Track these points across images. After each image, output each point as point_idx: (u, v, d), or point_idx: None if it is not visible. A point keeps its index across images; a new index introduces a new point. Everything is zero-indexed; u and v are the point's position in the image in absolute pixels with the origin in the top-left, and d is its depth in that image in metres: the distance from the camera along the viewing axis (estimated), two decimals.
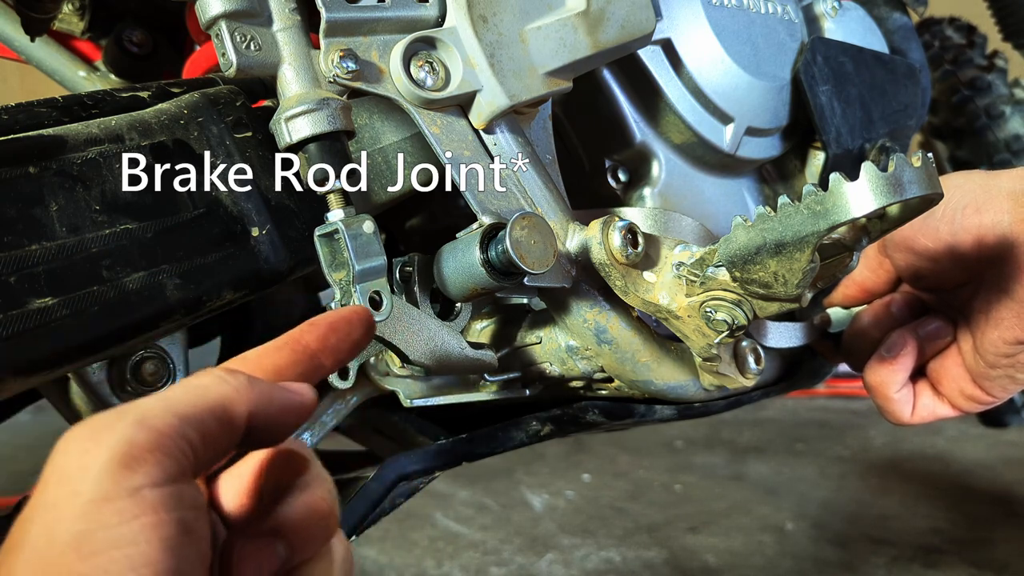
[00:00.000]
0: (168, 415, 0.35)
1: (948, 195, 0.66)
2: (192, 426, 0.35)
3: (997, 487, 2.03)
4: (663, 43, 0.76)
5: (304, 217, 0.62)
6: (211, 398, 0.37)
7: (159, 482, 0.33)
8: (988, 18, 1.40)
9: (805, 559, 1.71)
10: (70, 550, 0.32)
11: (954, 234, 0.65)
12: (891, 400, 0.71)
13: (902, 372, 0.70)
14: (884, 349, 0.71)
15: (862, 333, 0.74)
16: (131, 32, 0.91)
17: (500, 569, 1.73)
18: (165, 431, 0.34)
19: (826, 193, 0.51)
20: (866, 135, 0.88)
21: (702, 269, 0.58)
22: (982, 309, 0.66)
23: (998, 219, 0.63)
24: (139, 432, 0.34)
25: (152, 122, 0.60)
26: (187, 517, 0.34)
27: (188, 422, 0.35)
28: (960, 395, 0.71)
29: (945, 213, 0.66)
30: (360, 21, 0.57)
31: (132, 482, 0.33)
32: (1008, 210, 0.63)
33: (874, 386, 0.72)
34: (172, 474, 0.34)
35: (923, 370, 0.73)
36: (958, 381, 0.70)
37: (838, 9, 0.92)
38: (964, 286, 0.69)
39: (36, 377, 0.54)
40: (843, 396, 2.90)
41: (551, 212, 0.63)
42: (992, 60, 1.37)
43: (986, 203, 0.64)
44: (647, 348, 0.68)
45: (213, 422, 0.36)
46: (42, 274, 0.52)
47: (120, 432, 0.34)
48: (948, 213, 0.66)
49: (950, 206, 0.65)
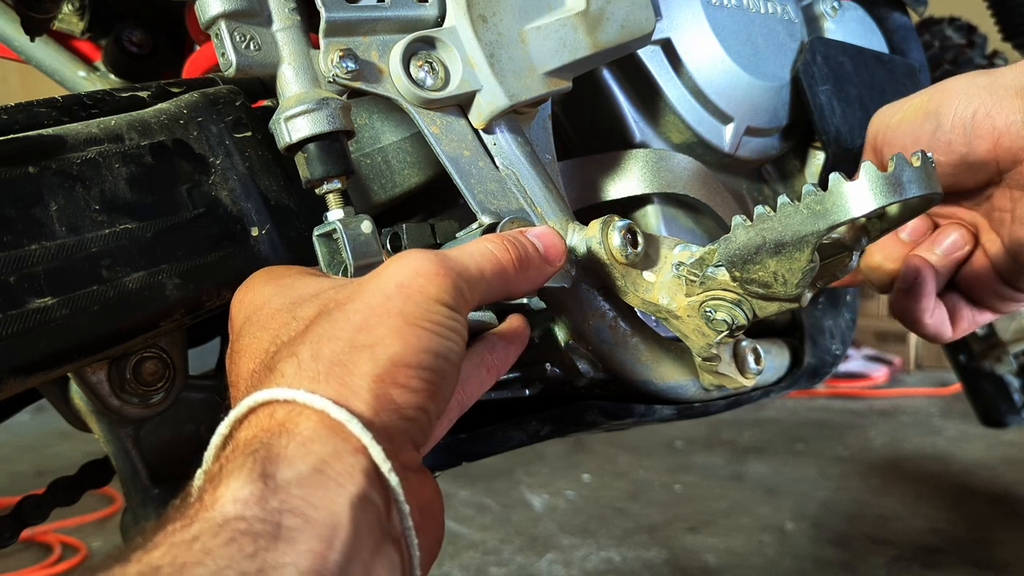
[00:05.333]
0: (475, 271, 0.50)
1: (953, 102, 0.65)
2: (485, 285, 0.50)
3: (997, 487, 2.03)
4: (663, 43, 0.76)
5: (304, 217, 0.62)
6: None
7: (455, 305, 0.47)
8: (988, 18, 1.40)
9: (805, 559, 1.71)
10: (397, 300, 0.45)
11: (968, 143, 0.64)
12: (926, 325, 0.70)
13: (927, 298, 0.69)
14: (901, 280, 0.70)
15: (877, 267, 0.73)
16: (131, 32, 0.91)
17: (500, 569, 1.73)
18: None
19: (826, 193, 0.51)
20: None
21: (702, 269, 0.58)
22: (1007, 208, 0.65)
23: (1011, 119, 0.62)
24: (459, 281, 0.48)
25: (152, 122, 0.60)
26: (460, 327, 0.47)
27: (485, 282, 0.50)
28: (996, 297, 0.70)
29: (954, 123, 0.64)
30: (360, 21, 0.57)
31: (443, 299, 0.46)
32: (1020, 108, 0.62)
33: (902, 316, 0.71)
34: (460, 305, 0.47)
35: (953, 284, 0.71)
36: (992, 284, 0.69)
37: (838, 9, 0.92)
38: (981, 191, 0.67)
39: (36, 377, 0.54)
40: (843, 396, 2.90)
41: (550, 212, 0.63)
42: (992, 60, 1.37)
43: (995, 106, 0.63)
44: (647, 348, 0.68)
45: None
46: (42, 274, 0.52)
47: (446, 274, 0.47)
48: (957, 122, 0.64)
49: (958, 115, 0.64)
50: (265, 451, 0.40)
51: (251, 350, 0.48)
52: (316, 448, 0.40)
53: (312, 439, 0.40)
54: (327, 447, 0.40)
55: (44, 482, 0.75)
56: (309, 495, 0.38)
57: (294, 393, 0.42)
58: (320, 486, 0.39)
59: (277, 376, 0.44)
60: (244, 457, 0.39)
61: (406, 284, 0.46)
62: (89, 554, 1.90)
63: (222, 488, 0.38)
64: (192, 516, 0.38)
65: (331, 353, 0.43)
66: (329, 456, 0.40)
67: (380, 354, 0.43)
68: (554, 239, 0.56)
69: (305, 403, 0.41)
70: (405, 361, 0.43)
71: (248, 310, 0.50)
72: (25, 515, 0.72)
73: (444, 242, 0.61)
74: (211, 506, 0.38)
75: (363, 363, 0.43)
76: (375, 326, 0.44)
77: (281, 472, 0.39)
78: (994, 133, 0.63)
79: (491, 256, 0.51)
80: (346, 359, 0.43)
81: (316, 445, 0.40)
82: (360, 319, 0.44)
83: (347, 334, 0.44)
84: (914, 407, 2.70)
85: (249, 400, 0.43)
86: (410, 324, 0.44)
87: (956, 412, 2.50)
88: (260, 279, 0.52)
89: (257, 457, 0.39)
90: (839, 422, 2.61)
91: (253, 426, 0.42)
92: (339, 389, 0.42)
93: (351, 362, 0.43)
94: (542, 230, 0.56)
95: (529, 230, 0.56)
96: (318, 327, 0.45)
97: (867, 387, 2.98)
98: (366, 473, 0.40)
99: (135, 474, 0.66)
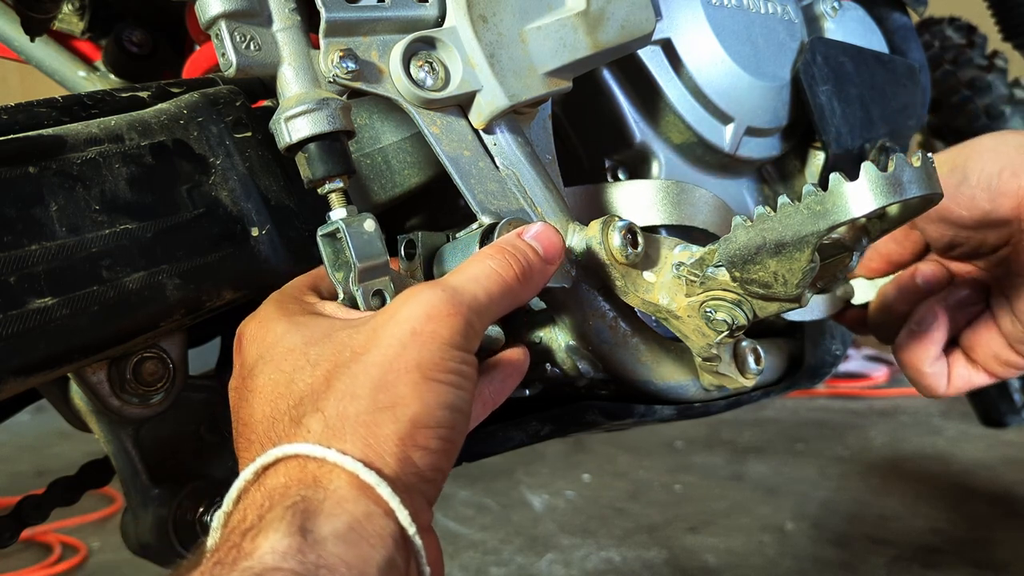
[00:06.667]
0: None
1: (982, 160, 0.65)
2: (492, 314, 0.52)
3: (997, 487, 2.02)
4: (663, 43, 0.75)
5: (303, 217, 0.62)
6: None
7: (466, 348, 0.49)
8: (988, 18, 1.40)
9: (805, 559, 1.71)
10: (411, 350, 0.47)
11: (992, 200, 0.64)
12: (925, 374, 0.70)
13: (934, 345, 0.69)
14: (914, 323, 0.70)
15: (889, 307, 0.73)
16: (131, 32, 0.91)
17: (500, 569, 1.73)
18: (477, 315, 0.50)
19: (826, 193, 0.51)
20: (866, 135, 0.88)
21: (702, 269, 0.58)
22: (1021, 272, 0.65)
23: None
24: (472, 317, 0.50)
25: (152, 122, 0.60)
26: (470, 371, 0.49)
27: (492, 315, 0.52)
28: (996, 361, 0.69)
29: (980, 180, 0.65)
30: (360, 21, 0.57)
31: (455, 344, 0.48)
32: None
33: (906, 361, 0.70)
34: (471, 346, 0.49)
35: (954, 339, 0.71)
36: (993, 347, 0.69)
37: (838, 9, 0.92)
38: (998, 250, 0.67)
39: (36, 377, 0.54)
40: (843, 396, 2.90)
41: (551, 212, 0.63)
42: (992, 60, 1.37)
43: (1023, 166, 0.64)
44: (647, 348, 0.68)
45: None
46: (42, 274, 0.52)
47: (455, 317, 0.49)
48: (983, 179, 0.65)
49: (985, 172, 0.64)
50: (303, 505, 0.42)
51: (266, 392, 0.49)
52: (349, 507, 0.42)
53: (346, 498, 0.43)
54: (360, 507, 0.43)
55: (44, 482, 0.75)
56: (343, 553, 0.40)
57: (325, 452, 0.44)
58: (354, 545, 0.41)
59: (303, 431, 0.46)
60: (283, 510, 0.42)
61: (419, 331, 0.47)
62: (89, 554, 1.90)
63: (261, 538, 0.40)
64: (230, 563, 0.40)
65: (355, 413, 0.45)
66: (362, 517, 0.42)
67: (401, 415, 0.46)
68: (551, 237, 0.56)
69: (336, 462, 0.44)
70: (424, 422, 0.46)
71: (260, 347, 0.51)
72: (25, 515, 0.72)
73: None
74: (250, 554, 0.40)
75: (386, 424, 0.45)
76: (394, 382, 0.46)
77: (318, 528, 0.41)
78: (1020, 192, 0.63)
79: (497, 277, 0.52)
80: (370, 420, 0.45)
81: (349, 504, 0.43)
82: (378, 374, 0.46)
83: (368, 391, 0.46)
84: (914, 407, 2.70)
85: (278, 451, 0.45)
86: (427, 379, 0.47)
87: (956, 412, 2.50)
88: (271, 313, 0.53)
89: (296, 510, 0.41)
90: (839, 422, 2.61)
91: (282, 475, 0.45)
92: (365, 450, 0.45)
93: (375, 423, 0.45)
94: (538, 229, 0.56)
95: (525, 230, 0.56)
96: (339, 382, 0.47)
97: (867, 387, 2.98)
98: (393, 536, 0.43)
99: (135, 474, 0.66)
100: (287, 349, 0.50)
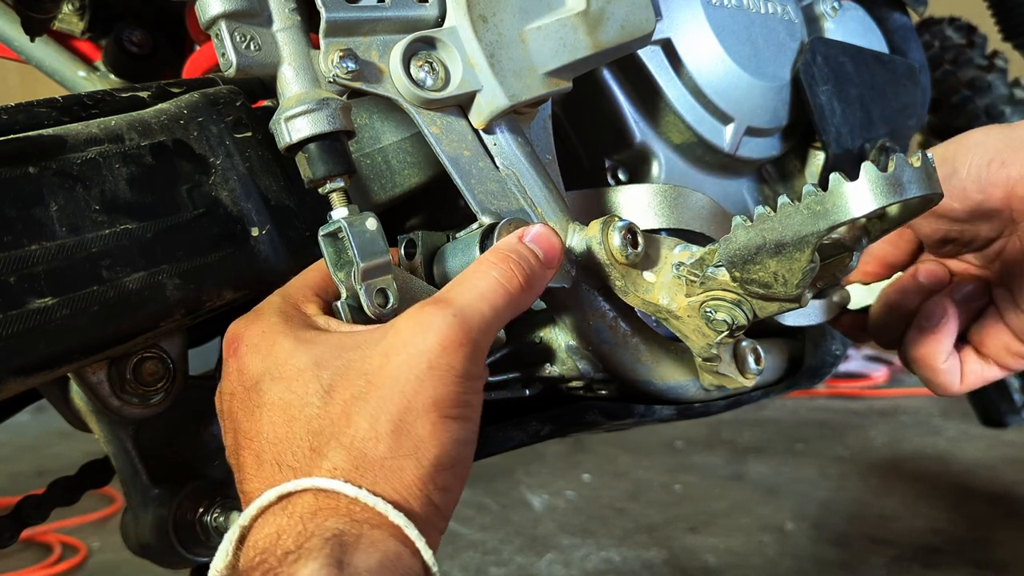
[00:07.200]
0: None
1: (970, 153, 0.65)
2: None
3: (997, 487, 2.03)
4: (663, 43, 0.76)
5: (303, 217, 0.62)
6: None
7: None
8: (988, 18, 1.40)
9: (805, 559, 1.71)
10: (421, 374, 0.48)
11: (982, 191, 0.65)
12: (938, 371, 0.69)
13: (947, 339, 0.69)
14: (923, 319, 0.69)
15: (894, 307, 0.72)
16: (131, 32, 0.91)
17: (500, 569, 1.73)
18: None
19: (826, 193, 0.51)
20: (866, 135, 0.88)
21: (702, 269, 0.58)
22: (1018, 261, 0.65)
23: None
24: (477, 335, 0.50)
25: (152, 122, 0.60)
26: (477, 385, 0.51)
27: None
28: (1008, 353, 0.69)
29: (970, 172, 0.65)
30: (360, 21, 0.57)
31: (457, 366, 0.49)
32: None
33: (918, 359, 0.70)
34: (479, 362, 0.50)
35: (962, 336, 0.71)
36: (1002, 339, 0.69)
37: (838, 9, 0.92)
38: (993, 243, 0.68)
39: (36, 377, 0.54)
40: (843, 396, 2.90)
41: (551, 212, 0.63)
42: (992, 60, 1.37)
43: (1011, 156, 0.64)
44: (647, 348, 0.68)
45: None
46: (42, 274, 0.52)
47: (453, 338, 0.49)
48: (973, 171, 0.65)
49: (974, 164, 0.65)
50: (340, 538, 0.44)
51: (277, 411, 0.50)
52: (381, 545, 0.45)
53: (378, 536, 0.45)
54: (390, 545, 0.45)
55: (44, 482, 0.75)
56: None
57: (358, 492, 0.46)
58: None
59: (328, 464, 0.47)
60: (322, 541, 0.44)
61: (435, 364, 0.48)
62: (89, 554, 1.90)
63: (299, 564, 0.43)
64: None
65: (380, 457, 0.47)
66: (393, 555, 0.45)
67: (423, 459, 0.48)
68: (551, 239, 0.56)
69: (367, 503, 0.46)
70: (443, 464, 0.48)
71: (267, 361, 0.51)
72: (25, 515, 0.72)
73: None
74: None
75: (409, 470, 0.47)
76: (413, 423, 0.48)
77: (355, 562, 0.43)
78: (1008, 182, 0.64)
79: (502, 291, 0.52)
80: (395, 465, 0.47)
81: (380, 543, 0.45)
82: (397, 414, 0.48)
83: (389, 432, 0.48)
84: (914, 407, 2.70)
85: (307, 482, 0.47)
86: (443, 418, 0.48)
87: (956, 412, 2.50)
88: (275, 325, 0.53)
89: (334, 543, 0.44)
90: (839, 422, 2.61)
91: (309, 503, 0.46)
92: (392, 494, 0.47)
93: (399, 468, 0.47)
94: (538, 232, 0.56)
95: (525, 233, 0.56)
96: (359, 418, 0.48)
97: (867, 387, 2.98)
98: (418, 574, 0.46)
99: (135, 474, 0.66)
100: (297, 370, 0.50)
